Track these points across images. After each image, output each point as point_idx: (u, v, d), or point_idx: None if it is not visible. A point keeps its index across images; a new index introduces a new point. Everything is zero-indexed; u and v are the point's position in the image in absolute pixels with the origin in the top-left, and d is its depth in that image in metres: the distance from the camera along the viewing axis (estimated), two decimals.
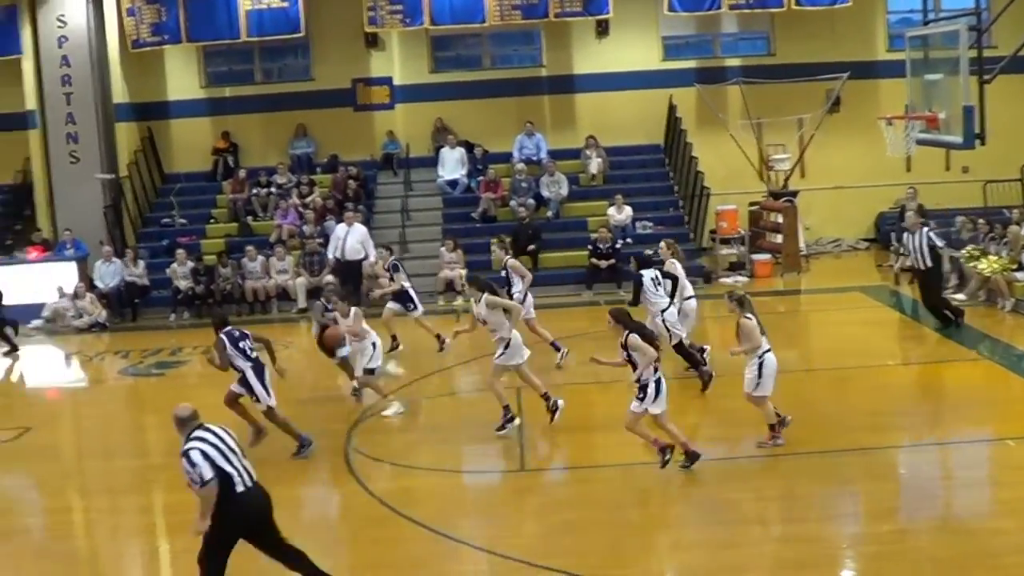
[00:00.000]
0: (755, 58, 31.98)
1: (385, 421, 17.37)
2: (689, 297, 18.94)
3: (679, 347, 18.12)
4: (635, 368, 13.88)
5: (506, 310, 16.36)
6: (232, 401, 15.88)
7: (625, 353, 13.93)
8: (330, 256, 26.98)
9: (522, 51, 32.70)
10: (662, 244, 19.84)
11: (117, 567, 13.21)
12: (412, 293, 21.84)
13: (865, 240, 31.88)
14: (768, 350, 14.73)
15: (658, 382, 13.84)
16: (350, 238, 26.82)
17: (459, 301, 25.94)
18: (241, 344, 15.67)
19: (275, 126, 31.88)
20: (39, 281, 27.66)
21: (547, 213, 29.52)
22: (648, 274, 18.18)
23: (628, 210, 28.72)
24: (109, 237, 29.22)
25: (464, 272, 25.71)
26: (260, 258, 27.52)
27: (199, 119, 32.30)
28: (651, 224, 28.81)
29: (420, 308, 21.89)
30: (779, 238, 28.95)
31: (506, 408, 16.19)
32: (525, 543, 12.46)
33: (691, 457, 14.11)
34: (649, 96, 31.30)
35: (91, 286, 27.48)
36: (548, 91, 32.03)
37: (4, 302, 25.97)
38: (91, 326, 26.63)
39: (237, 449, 10.76)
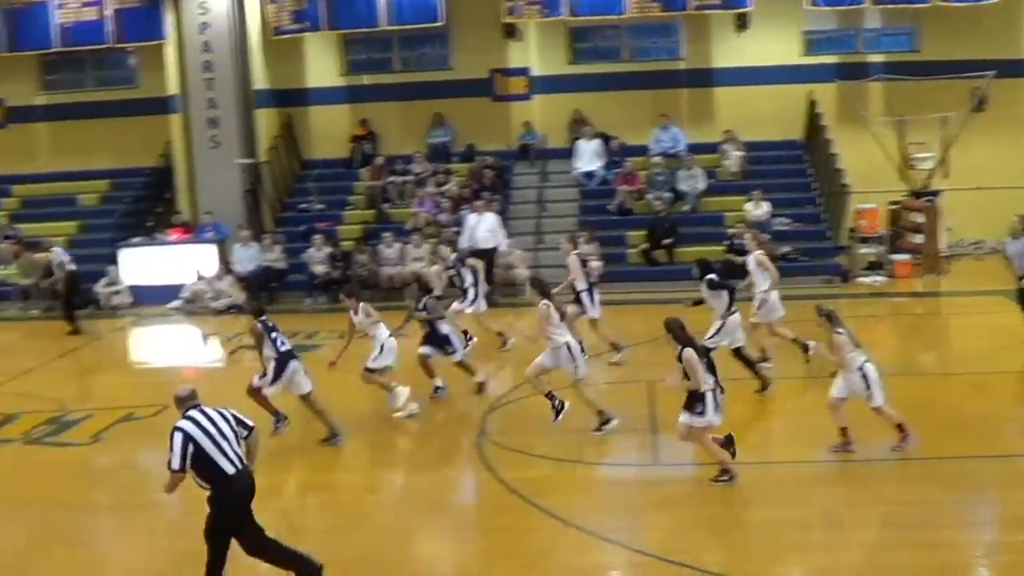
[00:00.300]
0: (899, 54, 31.56)
1: (521, 410, 17.58)
2: (769, 289, 18.95)
3: (737, 352, 17.88)
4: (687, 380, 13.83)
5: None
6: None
7: (680, 365, 13.87)
8: (463, 245, 27.31)
9: (660, 44, 32.63)
10: (747, 235, 20.11)
11: None
12: (471, 291, 21.58)
13: None
14: (866, 360, 14.58)
15: (714, 392, 13.80)
16: (481, 226, 27.11)
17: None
18: (272, 335, 16.42)
19: (413, 115, 32.29)
20: (179, 263, 28.57)
21: (684, 207, 29.53)
22: (717, 278, 18.14)
23: (766, 206, 28.61)
24: (247, 221, 29.96)
25: (599, 264, 25.78)
26: (396, 245, 27.99)
27: (338, 106, 32.87)
28: (789, 220, 28.69)
29: (471, 308, 21.72)
30: (920, 238, 28.62)
31: (600, 412, 16.24)
32: (655, 537, 12.60)
33: (728, 473, 14.01)
34: (789, 91, 31.07)
35: (229, 269, 28.20)
36: (686, 84, 31.96)
37: (132, 282, 26.90)
38: (228, 308, 27.33)
39: (230, 433, 11.08)
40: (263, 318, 16.66)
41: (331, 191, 31.67)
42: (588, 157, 30.80)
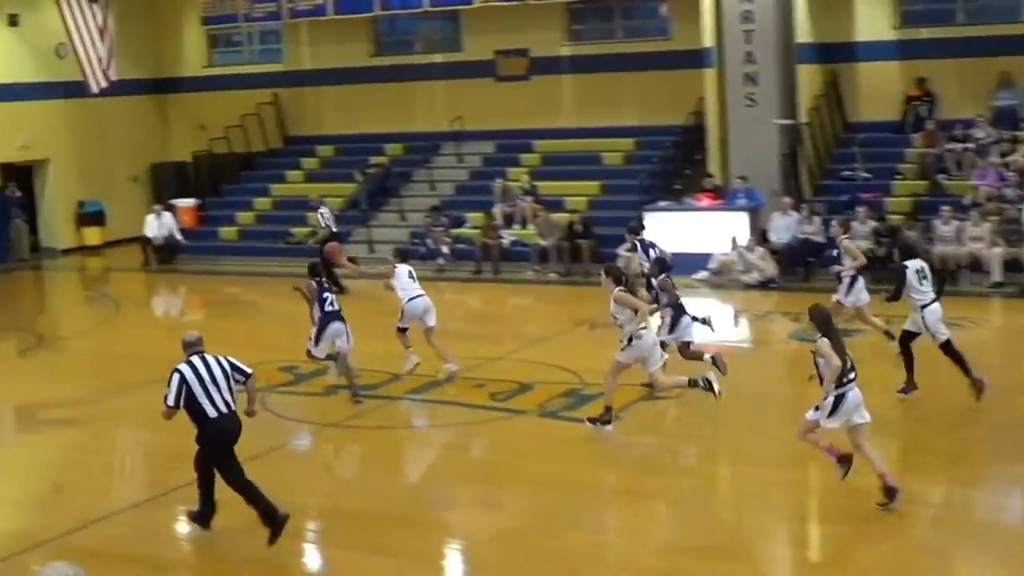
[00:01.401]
0: None
1: None
2: None
3: (945, 347, 17.46)
4: (820, 377, 13.73)
5: (636, 310, 16.79)
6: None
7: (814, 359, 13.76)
8: None
9: None
10: None
11: (755, 539, 13.62)
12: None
13: None
14: None
15: (840, 396, 13.52)
16: None
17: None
18: (324, 295, 19.06)
19: (975, 74, 30.88)
20: (708, 230, 28.80)
21: None
22: (913, 265, 17.65)
23: None
24: (784, 188, 29.74)
25: None
26: (954, 222, 26.95)
27: (889, 63, 31.91)
28: None
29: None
30: None
31: (607, 409, 16.91)
32: None
33: (888, 493, 13.55)
34: None
35: (763, 239, 28.05)
36: None
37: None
38: (760, 283, 27.15)
39: (222, 381, 13.36)
40: (318, 279, 19.33)
41: (879, 158, 30.80)
42: None
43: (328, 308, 19.03)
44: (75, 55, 35.85)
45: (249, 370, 13.82)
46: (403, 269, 20.56)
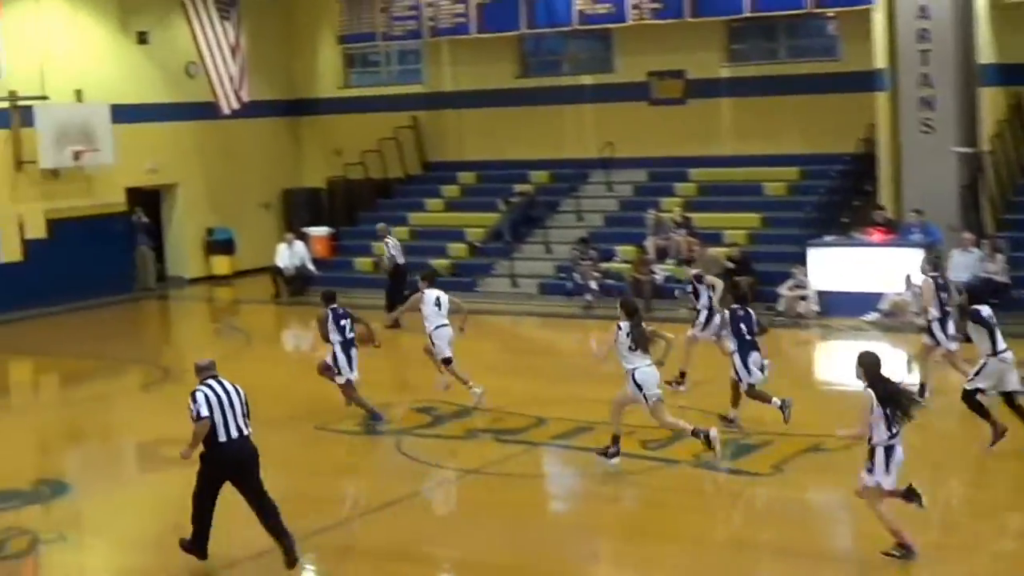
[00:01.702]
0: None
1: None
2: None
3: (968, 397, 17.69)
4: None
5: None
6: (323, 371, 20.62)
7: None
8: None
9: None
10: None
11: None
12: (703, 316, 21.54)
13: None
14: None
15: (889, 449, 13.47)
16: None
17: None
18: (342, 322, 20.29)
19: None
20: (879, 268, 28.31)
21: None
22: (984, 311, 17.89)
23: None
24: (964, 222, 29.16)
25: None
26: None
27: None
28: None
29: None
30: None
31: (615, 439, 17.47)
32: None
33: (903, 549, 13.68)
34: None
35: None
36: None
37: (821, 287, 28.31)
38: None
39: (238, 406, 13.96)
40: (334, 306, 20.37)
41: None
42: None
43: (348, 335, 20.34)
44: (206, 75, 36.42)
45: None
46: (431, 295, 21.32)
